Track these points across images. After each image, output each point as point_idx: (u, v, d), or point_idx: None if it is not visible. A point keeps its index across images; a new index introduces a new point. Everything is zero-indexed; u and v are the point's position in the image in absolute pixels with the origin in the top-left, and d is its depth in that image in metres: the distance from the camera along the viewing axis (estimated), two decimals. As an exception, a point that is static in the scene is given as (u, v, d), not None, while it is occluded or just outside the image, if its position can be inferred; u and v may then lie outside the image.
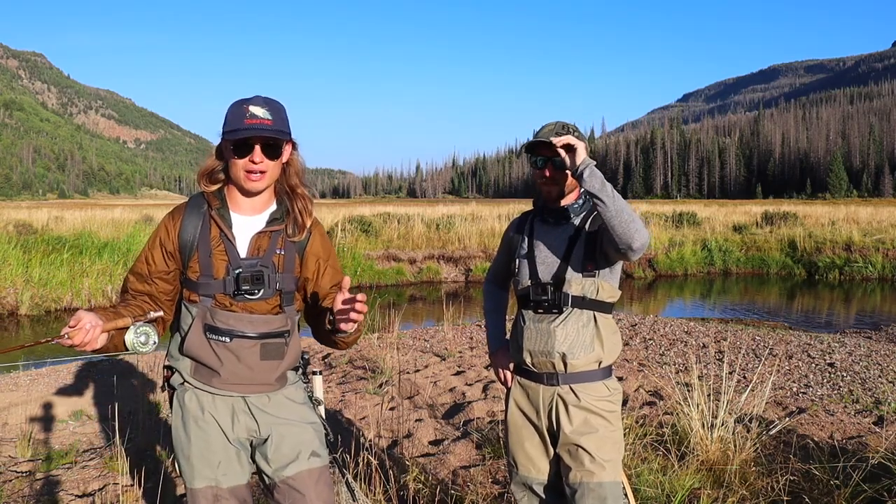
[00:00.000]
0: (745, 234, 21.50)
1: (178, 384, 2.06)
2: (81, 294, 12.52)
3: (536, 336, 2.26)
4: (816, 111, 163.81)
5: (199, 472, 1.99)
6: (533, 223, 2.40)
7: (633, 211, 2.09)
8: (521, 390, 2.38)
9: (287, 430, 2.04)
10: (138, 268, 2.03)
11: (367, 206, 42.45)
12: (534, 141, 2.25)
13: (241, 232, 2.01)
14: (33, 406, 5.32)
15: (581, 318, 2.23)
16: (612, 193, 2.03)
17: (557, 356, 2.22)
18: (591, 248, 2.23)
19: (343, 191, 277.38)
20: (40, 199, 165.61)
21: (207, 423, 2.01)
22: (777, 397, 5.47)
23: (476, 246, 18.43)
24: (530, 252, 2.34)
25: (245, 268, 1.97)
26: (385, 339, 7.71)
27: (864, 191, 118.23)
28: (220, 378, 1.99)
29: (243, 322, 1.97)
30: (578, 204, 2.31)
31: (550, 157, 2.23)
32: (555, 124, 2.29)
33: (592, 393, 2.25)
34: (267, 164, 1.95)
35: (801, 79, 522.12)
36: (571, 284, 2.22)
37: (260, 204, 2.04)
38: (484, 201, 68.95)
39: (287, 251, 2.04)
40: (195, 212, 2.03)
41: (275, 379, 2.05)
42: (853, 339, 8.24)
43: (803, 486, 3.44)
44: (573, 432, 2.22)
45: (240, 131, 1.89)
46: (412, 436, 4.58)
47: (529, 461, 2.35)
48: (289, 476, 2.00)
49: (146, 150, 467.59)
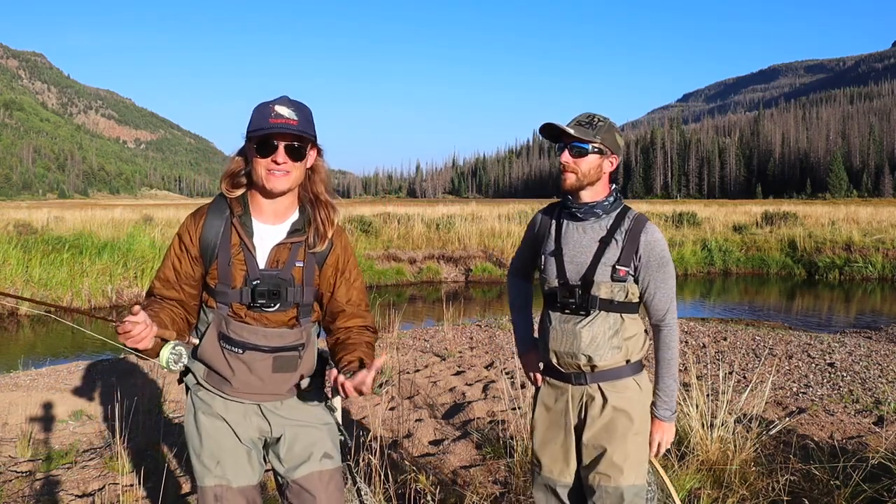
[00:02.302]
0: (745, 234, 21.49)
1: (193, 384, 2.06)
2: (81, 294, 12.51)
3: (562, 337, 2.22)
4: (816, 111, 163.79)
5: (210, 470, 2.00)
6: (560, 218, 2.31)
7: (677, 353, 2.27)
8: (549, 390, 2.34)
9: (300, 431, 2.04)
10: (165, 274, 1.99)
11: (367, 206, 42.46)
12: (548, 124, 2.18)
13: (262, 242, 1.97)
14: (33, 406, 5.31)
15: (608, 321, 2.18)
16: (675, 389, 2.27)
17: (583, 357, 2.18)
18: (626, 257, 2.17)
19: (343, 191, 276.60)
20: (40, 199, 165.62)
21: (219, 423, 2.01)
22: (777, 397, 5.47)
23: (476, 246, 18.43)
24: (558, 250, 2.26)
25: (263, 280, 1.93)
26: (385, 339, 7.71)
27: (864, 191, 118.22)
28: (231, 387, 1.99)
29: (257, 335, 1.96)
30: (609, 202, 2.22)
31: (568, 143, 2.17)
32: (585, 115, 2.21)
33: (622, 391, 2.20)
34: (290, 165, 1.90)
35: (801, 79, 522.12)
36: (600, 288, 2.17)
37: (283, 210, 1.99)
38: (484, 201, 68.96)
39: (307, 263, 2.00)
40: (218, 216, 1.98)
41: (287, 390, 2.04)
42: (853, 339, 8.23)
43: (803, 486, 3.44)
44: (597, 433, 2.19)
45: (264, 130, 1.86)
46: (412, 436, 4.58)
47: (554, 463, 2.30)
48: (300, 477, 2.00)
49: (146, 150, 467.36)
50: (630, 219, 2.20)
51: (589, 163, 2.17)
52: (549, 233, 2.31)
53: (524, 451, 3.64)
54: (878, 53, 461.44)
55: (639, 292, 2.21)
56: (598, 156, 2.18)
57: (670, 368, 2.24)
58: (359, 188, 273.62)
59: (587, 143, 2.16)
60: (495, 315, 11.07)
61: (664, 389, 2.25)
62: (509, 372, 6.37)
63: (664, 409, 2.25)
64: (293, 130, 1.87)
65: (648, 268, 2.17)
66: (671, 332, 2.24)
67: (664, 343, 2.24)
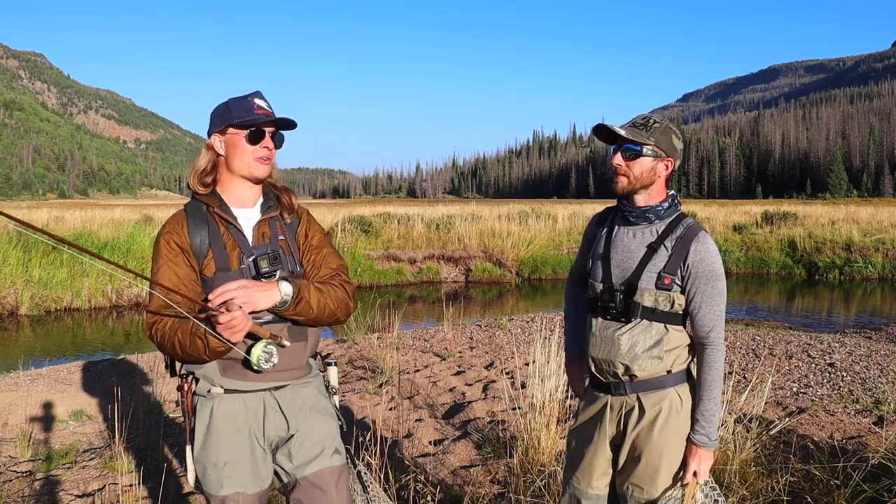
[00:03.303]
0: (745, 234, 21.49)
1: (205, 392, 2.04)
2: (81, 294, 12.52)
3: (601, 343, 2.15)
4: (816, 111, 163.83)
5: (228, 478, 1.99)
6: (614, 222, 2.24)
7: (721, 375, 2.13)
8: (589, 401, 2.27)
9: (313, 425, 2.07)
10: (166, 279, 1.99)
11: (367, 206, 42.44)
12: (601, 125, 2.12)
13: (244, 224, 2.08)
14: (33, 406, 5.31)
15: (650, 330, 2.09)
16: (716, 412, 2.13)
17: (621, 366, 2.11)
18: (673, 266, 2.09)
19: (343, 191, 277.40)
20: (40, 199, 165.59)
21: (238, 430, 2.01)
22: (777, 397, 5.47)
23: (476, 246, 18.42)
24: (606, 253, 2.19)
25: (259, 252, 2.03)
26: (385, 339, 7.71)
27: (864, 191, 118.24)
28: (253, 370, 1.99)
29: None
30: (663, 207, 2.15)
31: (621, 145, 2.11)
32: (641, 117, 2.16)
33: (660, 403, 2.11)
34: (274, 151, 2.09)
35: (801, 79, 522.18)
36: (644, 295, 2.09)
37: (252, 198, 2.12)
38: (484, 201, 68.97)
39: (287, 236, 2.13)
40: (197, 215, 2.06)
41: (304, 362, 2.10)
42: (853, 339, 8.23)
43: (803, 486, 3.44)
44: (634, 443, 2.13)
45: (254, 118, 2.00)
46: (412, 436, 4.58)
47: (585, 476, 2.22)
48: (311, 473, 2.02)
49: (146, 150, 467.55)
50: (683, 226, 2.12)
51: (642, 166, 2.10)
52: (600, 237, 2.26)
53: (524, 451, 3.65)
54: (878, 53, 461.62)
55: (685, 303, 2.11)
56: (651, 159, 2.11)
57: (712, 391, 2.10)
58: (359, 188, 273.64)
59: (640, 146, 2.10)
60: (495, 315, 11.07)
61: (704, 414, 2.10)
62: (509, 372, 6.37)
63: (702, 434, 2.10)
64: (280, 118, 2.05)
65: (696, 279, 2.07)
66: (716, 352, 2.10)
67: (707, 363, 2.10)
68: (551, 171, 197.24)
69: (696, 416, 2.13)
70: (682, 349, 2.14)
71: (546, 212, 25.30)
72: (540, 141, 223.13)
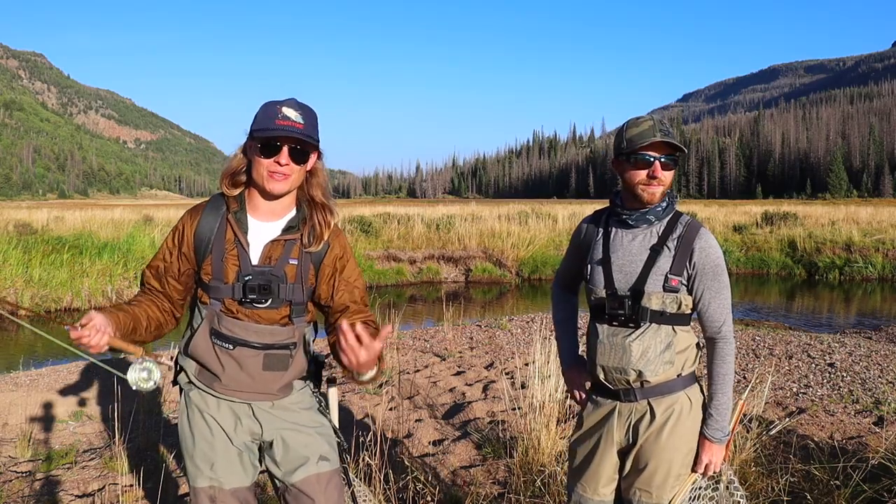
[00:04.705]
0: (745, 234, 21.50)
1: (185, 383, 2.07)
2: (81, 294, 12.52)
3: (611, 351, 2.11)
4: (816, 111, 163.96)
5: (202, 471, 2.00)
6: (609, 225, 2.20)
7: (733, 368, 2.15)
8: (594, 407, 2.23)
9: (293, 436, 2.03)
10: (156, 263, 2.04)
11: (367, 206, 42.47)
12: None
13: (256, 238, 1.98)
14: (33, 406, 5.31)
15: (659, 334, 2.07)
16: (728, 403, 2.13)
17: (633, 373, 2.08)
18: (678, 266, 2.07)
19: (343, 191, 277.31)
20: (40, 199, 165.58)
21: (211, 424, 2.01)
22: (777, 397, 5.47)
23: (476, 246, 18.43)
24: (606, 258, 2.15)
25: (255, 276, 1.94)
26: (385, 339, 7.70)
27: (864, 191, 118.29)
28: (220, 383, 1.99)
29: (248, 331, 1.96)
30: (661, 207, 2.11)
31: (661, 155, 2.05)
32: (652, 120, 2.08)
33: (671, 406, 2.10)
34: (292, 168, 1.91)
35: (801, 79, 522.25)
36: (651, 298, 2.06)
37: (280, 209, 2.01)
38: (484, 201, 69.00)
39: (302, 261, 2.00)
40: (214, 212, 2.01)
41: (277, 389, 2.03)
42: (853, 339, 8.23)
43: (803, 486, 3.44)
44: (643, 448, 2.10)
45: (269, 130, 1.87)
46: (412, 436, 4.58)
47: (591, 483, 2.20)
48: (298, 480, 2.00)
49: (146, 150, 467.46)
50: (683, 225, 2.10)
51: (673, 174, 2.09)
52: (596, 241, 2.20)
53: (524, 452, 3.65)
54: (878, 53, 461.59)
55: (692, 303, 2.11)
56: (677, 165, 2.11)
57: (725, 385, 2.10)
58: (359, 188, 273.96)
59: (677, 154, 2.07)
60: (495, 315, 11.07)
61: (717, 408, 2.11)
62: (509, 372, 6.37)
63: (715, 428, 2.11)
64: (298, 134, 1.88)
65: (703, 276, 2.07)
66: (727, 346, 2.11)
67: (719, 357, 2.11)
68: (551, 171, 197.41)
69: (709, 410, 2.13)
70: (690, 350, 2.14)
71: (546, 212, 25.32)
72: (540, 141, 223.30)
